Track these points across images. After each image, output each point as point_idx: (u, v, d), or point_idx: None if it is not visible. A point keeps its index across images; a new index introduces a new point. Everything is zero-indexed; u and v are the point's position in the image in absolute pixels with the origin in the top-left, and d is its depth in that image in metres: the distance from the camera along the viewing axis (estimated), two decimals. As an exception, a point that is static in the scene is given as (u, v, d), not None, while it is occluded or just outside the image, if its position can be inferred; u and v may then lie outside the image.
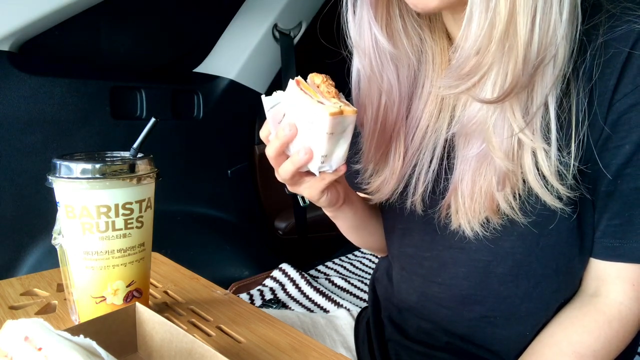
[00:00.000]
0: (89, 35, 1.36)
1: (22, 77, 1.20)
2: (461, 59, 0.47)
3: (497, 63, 0.45)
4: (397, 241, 0.68)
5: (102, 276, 0.51)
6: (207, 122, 1.64)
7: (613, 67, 0.47)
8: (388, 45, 0.56)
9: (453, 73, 0.49)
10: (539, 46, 0.44)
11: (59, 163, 0.49)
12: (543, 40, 0.44)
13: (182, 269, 0.74)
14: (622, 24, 0.47)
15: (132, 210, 0.51)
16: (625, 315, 0.53)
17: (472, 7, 0.45)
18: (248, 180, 1.85)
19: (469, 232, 0.54)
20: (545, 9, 0.44)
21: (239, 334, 0.54)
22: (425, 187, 0.59)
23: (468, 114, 0.51)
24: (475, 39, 0.45)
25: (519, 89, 0.46)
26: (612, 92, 0.47)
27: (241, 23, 1.66)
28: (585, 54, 0.48)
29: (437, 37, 0.59)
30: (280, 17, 1.65)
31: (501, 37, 0.44)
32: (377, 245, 0.76)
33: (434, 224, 0.60)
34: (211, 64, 1.68)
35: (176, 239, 1.52)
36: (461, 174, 0.54)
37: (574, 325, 0.54)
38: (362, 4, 0.55)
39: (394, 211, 0.65)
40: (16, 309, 0.60)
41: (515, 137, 0.48)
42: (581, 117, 0.48)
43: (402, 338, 0.68)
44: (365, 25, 0.56)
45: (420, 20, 0.58)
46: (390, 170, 0.61)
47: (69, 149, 1.30)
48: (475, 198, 0.52)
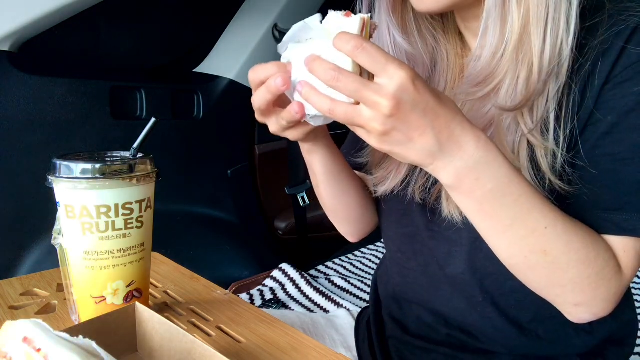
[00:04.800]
0: (89, 35, 1.36)
1: (22, 77, 1.20)
2: (478, 68, 0.51)
3: (511, 72, 0.49)
4: (395, 222, 0.68)
5: (102, 276, 0.51)
6: (207, 122, 1.64)
7: (608, 61, 0.48)
8: (406, 45, 0.59)
9: (470, 81, 0.52)
10: (551, 54, 0.48)
11: (59, 163, 0.49)
12: (554, 48, 0.48)
13: (182, 269, 0.74)
14: (620, 22, 0.48)
15: (132, 210, 0.51)
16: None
17: (487, 18, 0.49)
18: (248, 180, 1.85)
19: (458, 219, 0.56)
20: (555, 19, 0.47)
21: (239, 334, 0.54)
22: (426, 178, 0.60)
23: (477, 112, 0.54)
24: (490, 48, 0.49)
25: (536, 95, 0.49)
26: (604, 81, 0.49)
27: (241, 23, 1.66)
28: (585, 54, 0.49)
29: (451, 37, 0.63)
30: (280, 17, 1.65)
31: (515, 46, 0.48)
32: (349, 210, 0.71)
33: (430, 209, 0.62)
34: (211, 64, 1.68)
35: (176, 239, 1.52)
36: None
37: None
38: (380, 8, 0.59)
39: (394, 195, 0.65)
40: (16, 309, 0.59)
41: (524, 137, 0.51)
42: (574, 111, 0.50)
43: (402, 334, 0.69)
44: (383, 27, 0.59)
45: (434, 22, 0.62)
46: (396, 164, 0.62)
47: (69, 149, 1.30)
48: None
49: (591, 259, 0.48)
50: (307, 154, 0.62)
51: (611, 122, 0.49)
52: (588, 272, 0.48)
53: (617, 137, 0.49)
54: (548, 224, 0.46)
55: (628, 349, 0.65)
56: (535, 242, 0.47)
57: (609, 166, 0.49)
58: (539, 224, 0.46)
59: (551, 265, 0.48)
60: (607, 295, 0.50)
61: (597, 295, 0.50)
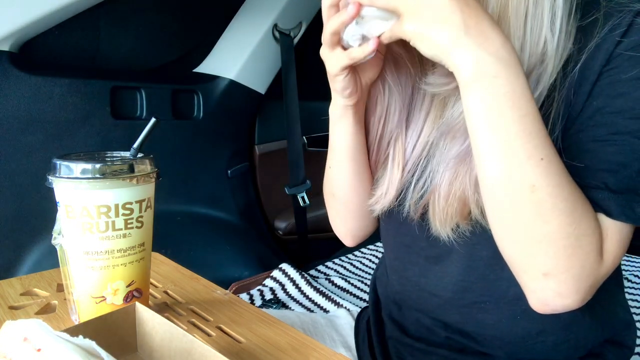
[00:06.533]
0: (89, 35, 1.36)
1: (22, 77, 1.20)
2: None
3: None
4: (394, 230, 0.68)
5: (102, 276, 0.51)
6: (207, 122, 1.64)
7: (601, 56, 0.48)
8: (396, 47, 0.57)
9: (440, 71, 0.51)
10: (531, 51, 0.48)
11: (59, 163, 0.49)
12: (536, 46, 0.48)
13: (182, 269, 0.74)
14: (615, 18, 0.48)
15: (132, 210, 0.51)
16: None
17: None
18: (248, 180, 1.85)
19: (445, 238, 0.56)
20: (536, 16, 0.47)
21: (239, 334, 0.54)
22: (420, 194, 0.59)
23: (454, 112, 0.52)
24: None
25: None
26: (597, 75, 0.48)
27: (241, 23, 1.66)
28: (579, 54, 0.49)
29: None
30: (280, 17, 1.65)
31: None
32: (359, 200, 0.68)
33: (425, 222, 0.61)
34: (211, 64, 1.68)
35: (176, 239, 1.52)
36: (442, 176, 0.55)
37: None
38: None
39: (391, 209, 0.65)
40: (16, 309, 0.59)
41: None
42: (564, 112, 0.50)
43: (402, 335, 0.69)
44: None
45: None
46: (389, 179, 0.62)
47: (69, 149, 1.30)
48: (450, 201, 0.54)
49: (576, 218, 0.45)
50: (338, 119, 0.62)
51: (596, 106, 0.48)
52: (568, 231, 0.45)
53: (601, 120, 0.48)
54: (545, 156, 0.44)
55: (627, 350, 0.65)
56: (528, 172, 0.44)
57: (590, 146, 0.49)
58: (537, 152, 0.44)
59: (535, 206, 0.45)
60: (580, 273, 0.46)
61: (569, 268, 0.46)
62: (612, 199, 0.47)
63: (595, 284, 0.48)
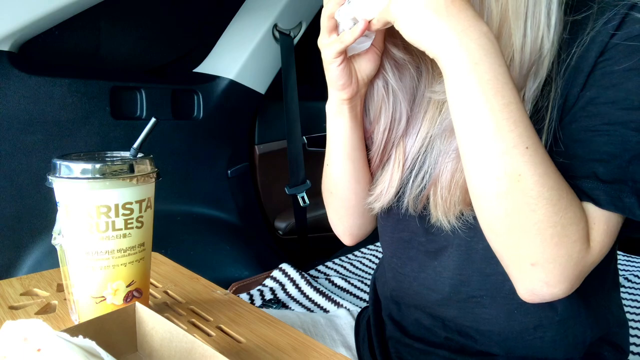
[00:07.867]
0: (89, 35, 1.36)
1: (22, 77, 1.20)
2: None
3: None
4: (392, 227, 0.68)
5: (102, 276, 0.51)
6: (207, 122, 1.64)
7: (595, 48, 0.49)
8: (398, 53, 0.59)
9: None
10: (532, 49, 0.48)
11: (59, 163, 0.49)
12: (535, 43, 0.48)
13: (182, 269, 0.74)
14: (609, 12, 0.49)
15: (132, 210, 0.51)
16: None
17: None
18: (248, 180, 1.85)
19: (447, 226, 0.56)
20: (535, 14, 0.48)
21: (239, 334, 0.54)
22: (419, 189, 0.60)
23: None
24: None
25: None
26: (591, 67, 0.49)
27: (241, 23, 1.66)
28: (572, 47, 0.50)
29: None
30: (280, 17, 1.65)
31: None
32: (358, 198, 0.68)
33: (423, 216, 0.62)
34: (211, 64, 1.68)
35: (176, 239, 1.52)
36: (441, 168, 0.56)
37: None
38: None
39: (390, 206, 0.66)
40: (16, 309, 0.59)
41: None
42: (558, 104, 0.51)
43: (402, 336, 0.69)
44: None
45: None
46: (388, 178, 0.62)
47: (69, 149, 1.30)
48: (452, 191, 0.54)
49: (562, 207, 0.45)
50: (334, 116, 0.62)
51: (589, 97, 0.49)
52: (555, 220, 0.45)
53: (594, 110, 0.48)
54: (530, 145, 0.44)
55: (624, 354, 0.65)
56: (513, 161, 0.44)
57: (582, 136, 0.49)
58: (522, 140, 0.44)
59: (521, 195, 0.45)
60: (567, 262, 0.46)
61: (557, 257, 0.46)
62: (602, 189, 0.47)
63: (583, 273, 0.48)
